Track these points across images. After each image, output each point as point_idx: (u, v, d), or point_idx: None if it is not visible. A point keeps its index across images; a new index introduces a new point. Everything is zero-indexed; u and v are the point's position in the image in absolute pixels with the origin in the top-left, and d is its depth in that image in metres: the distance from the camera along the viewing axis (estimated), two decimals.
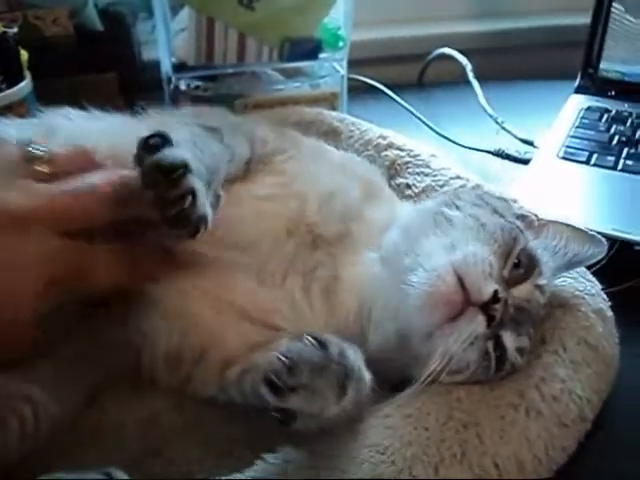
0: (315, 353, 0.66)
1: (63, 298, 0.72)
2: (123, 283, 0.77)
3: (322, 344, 0.66)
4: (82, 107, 0.99)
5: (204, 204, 0.70)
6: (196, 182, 0.70)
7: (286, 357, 0.65)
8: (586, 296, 0.84)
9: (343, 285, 0.82)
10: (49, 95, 1.20)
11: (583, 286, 0.85)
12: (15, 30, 1.17)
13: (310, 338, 0.67)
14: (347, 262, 0.84)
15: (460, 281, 0.71)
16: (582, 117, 1.38)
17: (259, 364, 0.70)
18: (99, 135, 0.88)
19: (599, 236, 0.84)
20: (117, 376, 0.81)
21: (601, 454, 0.76)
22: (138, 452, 0.75)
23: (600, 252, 0.84)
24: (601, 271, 0.86)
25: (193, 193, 0.68)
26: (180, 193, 0.68)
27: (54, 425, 0.75)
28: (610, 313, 0.84)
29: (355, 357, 0.68)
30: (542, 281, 0.79)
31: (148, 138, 0.70)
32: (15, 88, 1.15)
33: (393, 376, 0.76)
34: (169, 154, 0.69)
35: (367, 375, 0.69)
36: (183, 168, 0.69)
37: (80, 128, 0.92)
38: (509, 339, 0.74)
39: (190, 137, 0.78)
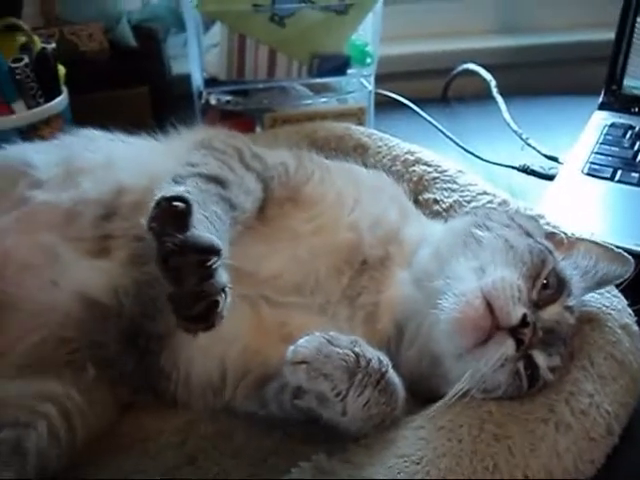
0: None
1: None
2: None
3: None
4: (113, 126, 1.02)
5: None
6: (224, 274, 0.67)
7: None
8: (612, 312, 0.85)
9: (382, 310, 0.84)
10: (83, 108, 1.24)
11: (610, 302, 0.87)
12: (53, 46, 1.21)
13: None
14: (386, 285, 0.86)
15: (489, 306, 0.72)
16: (606, 133, 1.39)
17: None
18: (122, 164, 0.91)
19: (627, 255, 0.86)
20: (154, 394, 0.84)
21: (629, 467, 0.78)
22: (174, 460, 0.78)
23: (627, 271, 0.85)
24: (626, 286, 0.87)
25: (224, 288, 0.67)
26: (216, 288, 0.66)
27: (91, 430, 0.79)
28: (636, 328, 0.85)
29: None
30: (571, 302, 0.80)
31: (171, 200, 0.66)
32: (53, 102, 1.19)
33: (424, 393, 0.78)
34: (203, 237, 0.66)
35: (397, 379, 0.73)
36: (217, 256, 0.66)
37: (98, 158, 0.93)
38: (541, 358, 0.76)
39: (199, 199, 0.74)
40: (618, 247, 0.87)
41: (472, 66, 1.68)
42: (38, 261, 0.82)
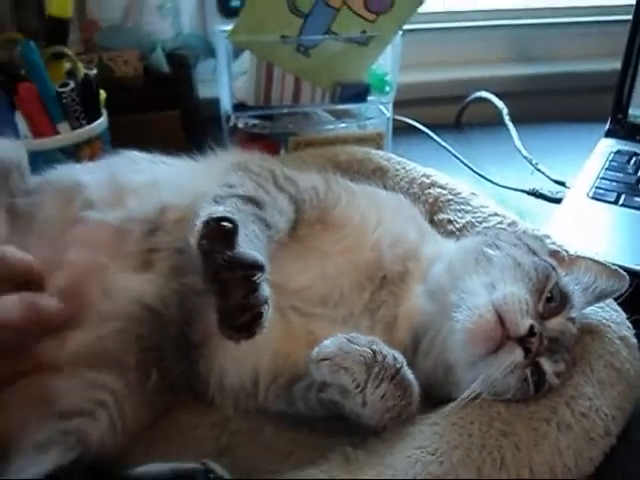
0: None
1: None
2: None
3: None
4: (146, 148, 1.08)
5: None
6: (267, 288, 0.73)
7: None
8: (612, 324, 0.92)
9: (400, 321, 0.90)
10: (119, 130, 1.33)
11: (609, 315, 0.93)
12: (95, 72, 1.29)
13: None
14: (404, 299, 0.92)
15: (500, 318, 0.79)
16: (611, 160, 1.45)
17: None
18: (164, 184, 0.97)
19: (622, 272, 0.92)
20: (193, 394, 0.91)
21: (625, 466, 0.84)
22: (210, 450, 0.84)
23: (623, 286, 0.91)
24: (629, 301, 0.94)
25: (266, 301, 0.72)
26: (260, 300, 0.71)
27: (140, 424, 0.86)
28: (634, 340, 0.91)
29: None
30: (574, 314, 0.87)
31: (219, 220, 0.72)
32: (94, 124, 1.27)
33: (439, 397, 0.84)
34: (249, 254, 0.71)
35: (412, 376, 0.80)
36: (261, 272, 0.72)
37: (142, 179, 0.99)
38: (547, 365, 0.82)
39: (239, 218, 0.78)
40: (620, 266, 0.93)
41: (485, 94, 1.75)
42: (93, 277, 0.88)
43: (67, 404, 0.81)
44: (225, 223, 0.71)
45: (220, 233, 0.71)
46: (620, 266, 0.94)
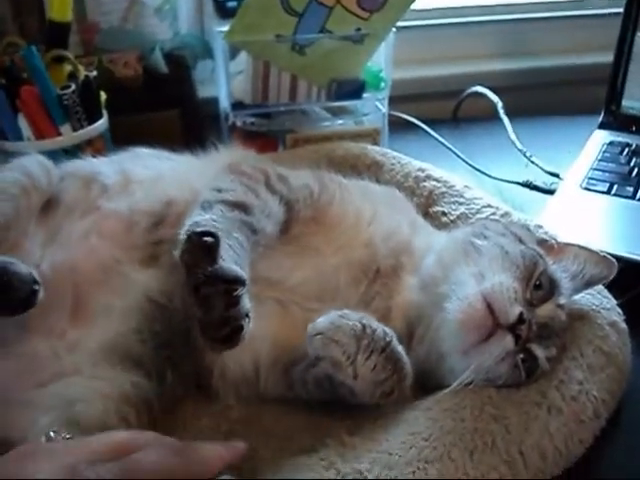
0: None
1: None
2: None
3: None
4: (150, 144, 1.12)
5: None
6: (248, 302, 0.74)
7: None
8: (602, 310, 0.94)
9: (394, 313, 0.93)
10: (120, 130, 1.35)
11: (600, 301, 0.95)
12: (95, 74, 1.31)
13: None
14: (396, 290, 0.94)
15: (489, 307, 0.81)
16: (604, 151, 1.47)
17: None
18: (168, 179, 1.01)
19: (611, 258, 0.94)
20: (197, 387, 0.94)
21: (615, 447, 0.86)
22: (210, 438, 0.85)
23: (612, 273, 0.93)
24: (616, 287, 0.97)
25: (247, 314, 0.74)
26: (241, 314, 0.73)
27: (150, 419, 0.88)
28: (624, 325, 0.94)
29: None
30: (563, 300, 0.89)
31: (201, 235, 0.73)
32: (95, 125, 1.30)
33: (432, 385, 0.87)
34: (230, 269, 0.73)
35: (402, 351, 0.82)
36: (242, 286, 0.73)
37: (148, 173, 1.03)
38: (539, 350, 0.84)
39: (223, 226, 0.81)
40: (613, 255, 0.95)
41: (480, 89, 1.76)
42: (106, 268, 0.92)
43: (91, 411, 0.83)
44: (207, 238, 0.72)
45: (202, 248, 0.72)
46: (613, 254, 0.95)
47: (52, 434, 0.71)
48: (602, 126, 1.57)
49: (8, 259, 0.83)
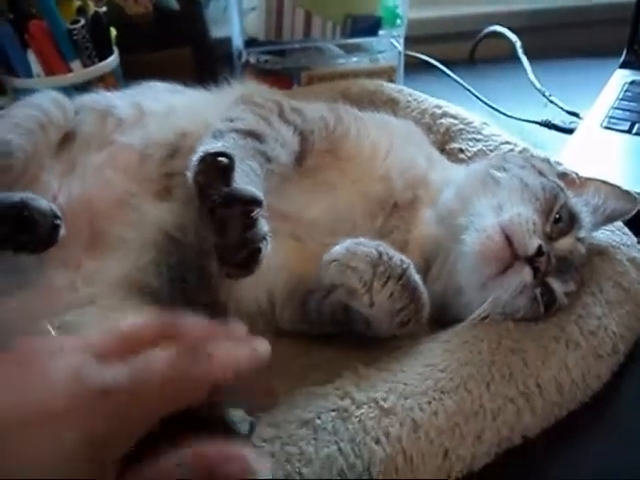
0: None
1: None
2: None
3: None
4: (164, 80, 1.10)
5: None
6: (265, 224, 0.72)
7: None
8: (622, 246, 0.93)
9: (411, 246, 0.91)
10: (131, 68, 1.33)
11: (620, 238, 0.94)
12: (104, 9, 1.30)
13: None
14: (413, 223, 0.93)
15: (508, 239, 0.80)
16: (626, 90, 1.44)
17: None
18: (181, 112, 0.99)
19: (634, 193, 0.92)
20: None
21: (632, 383, 0.85)
22: None
23: (634, 208, 0.92)
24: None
25: (265, 236, 0.71)
26: (259, 236, 0.70)
27: None
28: None
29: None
30: (582, 234, 0.87)
31: (215, 155, 0.71)
32: (106, 61, 1.29)
33: (449, 320, 0.86)
34: (246, 190, 0.70)
35: (419, 279, 0.81)
36: (259, 207, 0.70)
37: (161, 106, 1.01)
38: (556, 284, 0.83)
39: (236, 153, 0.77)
40: (631, 190, 0.93)
41: (499, 28, 1.74)
42: (121, 201, 0.91)
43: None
44: (221, 158, 0.70)
45: (216, 168, 0.70)
46: (632, 190, 0.94)
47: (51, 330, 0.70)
48: (624, 65, 1.55)
49: (29, 195, 0.82)
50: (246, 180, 0.75)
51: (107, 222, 0.90)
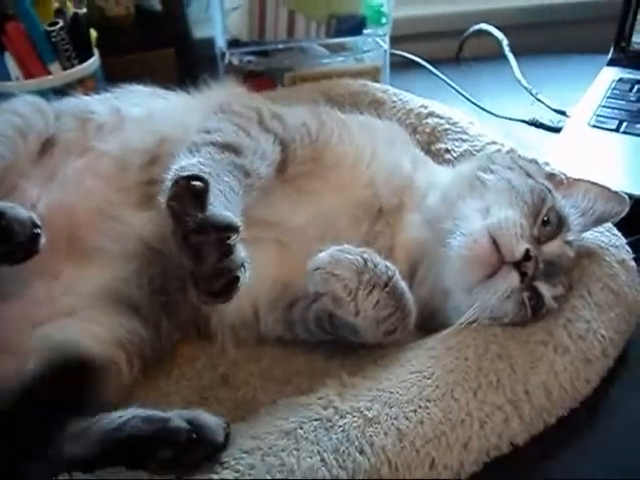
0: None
1: None
2: None
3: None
4: (143, 83, 1.08)
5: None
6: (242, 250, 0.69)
7: None
8: (611, 248, 0.91)
9: (397, 252, 0.90)
10: (113, 70, 1.31)
11: (608, 239, 0.93)
12: (84, 11, 1.28)
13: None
14: (399, 228, 0.92)
15: (495, 243, 0.78)
16: (613, 88, 1.43)
17: None
18: (161, 116, 0.97)
19: (623, 195, 0.90)
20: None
21: (622, 388, 0.84)
22: (208, 381, 0.86)
23: (623, 210, 0.90)
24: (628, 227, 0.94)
25: (243, 263, 0.68)
26: (236, 263, 0.67)
27: (150, 355, 0.86)
28: (633, 264, 0.91)
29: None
30: (571, 237, 0.86)
31: (188, 179, 0.67)
32: (86, 63, 1.26)
33: (436, 326, 0.84)
34: (222, 216, 0.67)
35: (405, 287, 0.79)
36: (236, 233, 0.67)
37: (141, 111, 1.00)
38: (545, 288, 0.81)
39: (212, 170, 0.76)
40: (619, 191, 0.91)
41: (485, 26, 1.72)
42: (101, 210, 0.89)
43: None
44: (195, 182, 0.66)
45: (190, 193, 0.66)
46: (619, 191, 0.92)
47: None
48: (611, 63, 1.53)
49: (7, 204, 0.78)
50: (223, 200, 0.72)
51: (87, 231, 0.88)
